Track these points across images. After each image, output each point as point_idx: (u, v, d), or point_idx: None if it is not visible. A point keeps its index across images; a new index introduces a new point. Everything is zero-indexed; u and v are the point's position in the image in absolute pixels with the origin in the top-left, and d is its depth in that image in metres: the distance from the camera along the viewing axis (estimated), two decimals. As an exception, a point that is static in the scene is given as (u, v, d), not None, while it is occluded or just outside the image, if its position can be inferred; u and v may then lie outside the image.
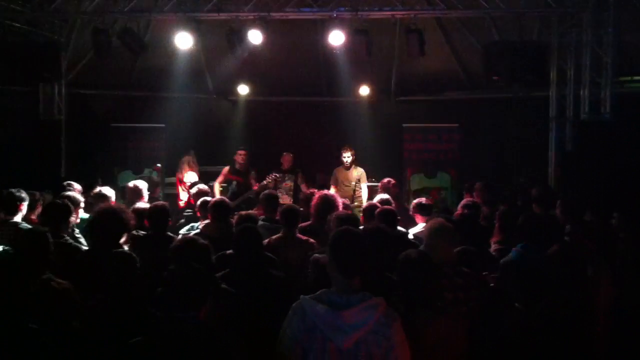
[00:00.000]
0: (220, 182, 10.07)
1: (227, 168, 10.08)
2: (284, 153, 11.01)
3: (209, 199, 6.99)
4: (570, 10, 9.68)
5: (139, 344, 3.11)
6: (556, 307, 4.22)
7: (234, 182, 9.91)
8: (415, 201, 7.34)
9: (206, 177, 10.30)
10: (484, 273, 4.98)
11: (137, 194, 7.54)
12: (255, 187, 9.63)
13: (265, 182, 9.66)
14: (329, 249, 3.25)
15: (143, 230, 5.96)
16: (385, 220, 5.80)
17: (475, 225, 5.82)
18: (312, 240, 5.81)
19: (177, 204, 10.25)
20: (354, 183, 10.18)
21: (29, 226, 5.89)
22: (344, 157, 10.31)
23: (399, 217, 6.22)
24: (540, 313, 4.24)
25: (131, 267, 4.45)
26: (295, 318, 3.14)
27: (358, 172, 10.32)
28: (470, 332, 3.98)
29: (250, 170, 10.05)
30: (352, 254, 3.18)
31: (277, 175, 10.15)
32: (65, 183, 7.78)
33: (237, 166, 10.04)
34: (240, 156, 10.03)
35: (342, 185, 10.30)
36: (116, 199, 7.67)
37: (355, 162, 10.41)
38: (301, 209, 6.57)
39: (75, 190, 7.32)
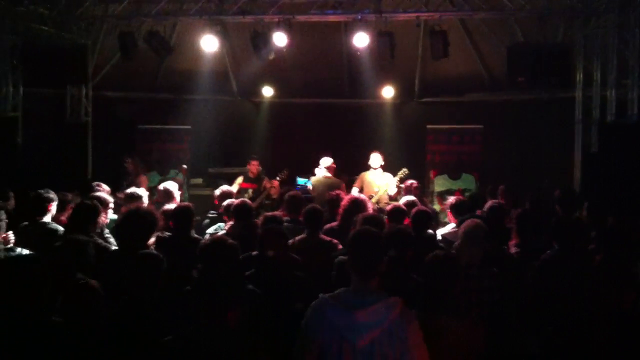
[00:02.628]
0: (235, 194, 10.07)
1: (240, 178, 10.29)
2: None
3: (233, 200, 7.06)
4: (595, 12, 9.60)
5: (168, 344, 3.14)
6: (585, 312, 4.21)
7: (250, 190, 10.04)
8: (451, 200, 7.05)
9: (231, 179, 10.35)
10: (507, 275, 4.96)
11: (168, 195, 7.61)
12: (275, 185, 9.93)
13: (278, 178, 10.03)
14: (348, 248, 3.27)
15: (170, 232, 6.01)
16: (420, 221, 5.86)
17: (499, 227, 5.80)
18: (335, 241, 5.83)
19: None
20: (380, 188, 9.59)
21: (59, 227, 5.99)
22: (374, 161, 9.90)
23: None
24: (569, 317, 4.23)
25: (157, 268, 4.49)
26: (314, 316, 3.16)
27: (386, 178, 9.72)
28: (490, 334, 3.98)
29: (263, 177, 10.29)
30: (368, 254, 3.18)
31: (286, 171, 10.34)
32: (94, 184, 7.87)
33: (250, 175, 10.33)
34: (253, 166, 10.33)
35: (368, 190, 9.74)
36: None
37: (384, 167, 9.94)
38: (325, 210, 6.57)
39: (104, 191, 7.41)
